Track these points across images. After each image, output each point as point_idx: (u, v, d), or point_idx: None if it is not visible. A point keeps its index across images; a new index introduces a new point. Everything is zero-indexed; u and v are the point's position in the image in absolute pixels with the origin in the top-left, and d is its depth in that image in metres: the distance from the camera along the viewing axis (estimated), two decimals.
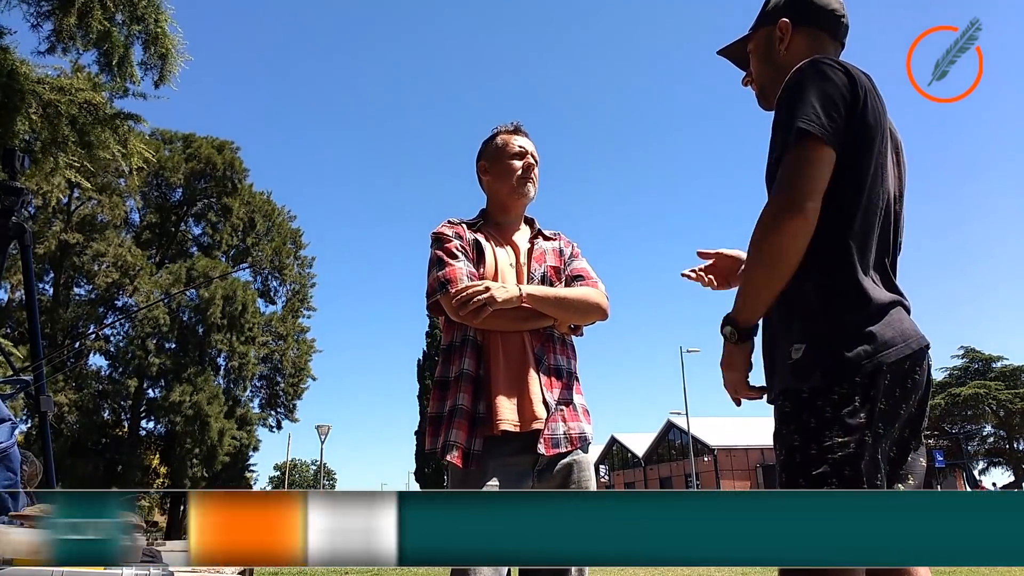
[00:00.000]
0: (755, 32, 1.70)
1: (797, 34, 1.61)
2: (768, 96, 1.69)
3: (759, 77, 1.70)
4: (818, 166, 1.36)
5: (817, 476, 1.28)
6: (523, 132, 2.19)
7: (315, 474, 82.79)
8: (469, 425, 1.88)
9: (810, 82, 1.40)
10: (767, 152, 1.49)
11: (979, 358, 42.01)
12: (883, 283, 1.43)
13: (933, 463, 6.13)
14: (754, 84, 1.73)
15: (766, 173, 1.51)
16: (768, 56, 1.67)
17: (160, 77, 5.79)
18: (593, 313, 2.05)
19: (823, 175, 1.36)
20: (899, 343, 1.35)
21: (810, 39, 1.61)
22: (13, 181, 3.58)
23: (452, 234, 2.06)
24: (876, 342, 1.33)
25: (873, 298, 1.37)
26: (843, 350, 1.32)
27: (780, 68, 1.62)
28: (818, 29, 1.61)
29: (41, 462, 3.51)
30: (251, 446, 30.31)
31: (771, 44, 1.65)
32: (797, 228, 1.34)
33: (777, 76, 1.63)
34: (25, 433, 17.66)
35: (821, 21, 1.61)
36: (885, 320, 1.36)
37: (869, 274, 1.40)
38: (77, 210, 26.39)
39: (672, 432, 45.45)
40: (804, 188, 1.34)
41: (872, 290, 1.38)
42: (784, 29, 1.62)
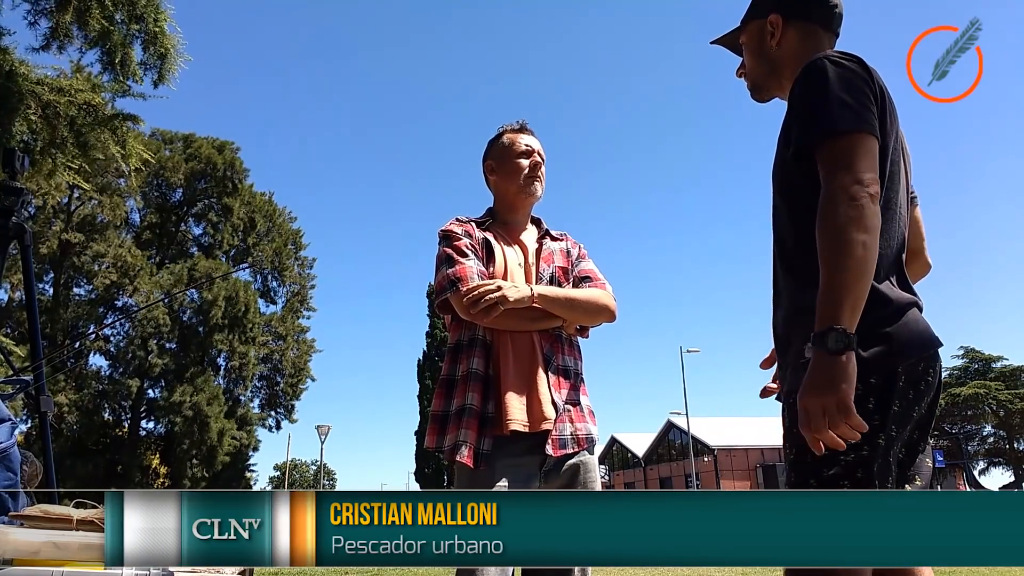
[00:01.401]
0: (746, 25, 1.67)
1: (789, 28, 1.58)
2: (761, 90, 1.67)
3: (751, 71, 1.67)
4: (873, 154, 1.32)
5: (829, 477, 1.26)
6: (529, 130, 2.18)
7: (315, 474, 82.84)
8: (479, 425, 1.87)
9: (832, 75, 1.37)
10: (774, 148, 1.47)
11: (979, 358, 42.02)
12: (899, 283, 1.41)
13: (934, 463, 6.15)
14: (746, 77, 1.70)
15: (774, 168, 1.49)
16: (760, 50, 1.63)
17: (159, 77, 5.79)
18: (602, 315, 2.05)
19: (877, 164, 1.32)
20: (915, 345, 1.33)
21: (802, 33, 1.57)
22: (13, 181, 3.58)
23: (461, 232, 2.05)
24: (893, 344, 1.31)
25: (892, 299, 1.35)
26: (859, 351, 1.28)
27: (773, 62, 1.60)
28: (811, 22, 1.58)
29: (41, 462, 3.51)
30: (251, 446, 30.37)
31: (762, 38, 1.62)
32: (877, 211, 1.27)
33: (770, 71, 1.62)
34: (25, 433, 17.65)
35: (813, 13, 1.58)
36: (902, 321, 1.34)
37: (887, 273, 1.38)
38: (77, 210, 26.41)
39: (672, 432, 45.43)
40: (871, 171, 1.30)
41: (890, 291, 1.36)
42: (775, 24, 1.59)
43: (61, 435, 25.34)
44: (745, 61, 1.69)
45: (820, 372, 1.21)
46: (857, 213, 1.25)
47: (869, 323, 1.32)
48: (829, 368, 1.20)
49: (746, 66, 1.69)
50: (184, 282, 26.90)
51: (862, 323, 1.30)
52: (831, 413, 1.19)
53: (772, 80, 1.63)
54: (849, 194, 1.27)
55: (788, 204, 1.46)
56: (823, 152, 1.33)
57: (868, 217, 1.26)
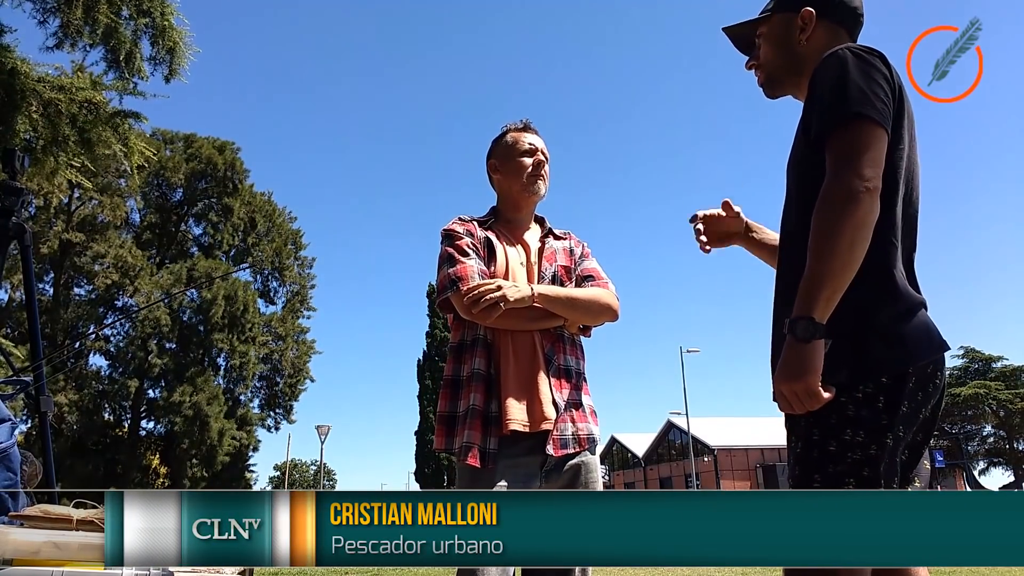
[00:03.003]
0: (771, 16, 1.63)
1: (819, 25, 1.57)
2: (776, 84, 1.64)
3: (769, 64, 1.64)
4: (880, 146, 1.31)
5: (835, 474, 1.25)
6: (533, 129, 2.17)
7: (315, 474, 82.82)
8: (482, 425, 1.87)
9: (855, 65, 1.36)
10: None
11: (979, 358, 42.00)
12: (910, 282, 1.40)
13: (933, 464, 6.15)
14: (760, 69, 1.66)
15: (790, 162, 1.47)
16: (785, 43, 1.60)
17: (170, 71, 5.79)
18: (604, 314, 2.04)
19: (883, 157, 1.31)
20: (926, 347, 1.33)
21: (830, 33, 1.56)
22: (13, 181, 3.58)
23: (463, 231, 2.05)
24: (906, 344, 1.30)
25: (905, 297, 1.34)
26: (872, 350, 1.29)
27: (797, 57, 1.57)
28: (839, 24, 1.57)
29: (41, 462, 3.51)
30: (251, 446, 30.37)
31: (790, 32, 1.59)
32: (873, 207, 1.27)
33: (791, 65, 1.59)
34: (25, 433, 17.64)
35: (844, 16, 1.58)
36: (914, 322, 1.33)
37: (900, 272, 1.37)
38: (78, 210, 26.40)
39: (672, 432, 45.41)
40: (873, 165, 1.29)
41: (904, 289, 1.35)
42: (808, 19, 1.57)
43: (61, 435, 25.33)
44: (763, 53, 1.65)
45: (790, 358, 1.27)
46: (852, 208, 1.26)
47: (882, 322, 1.31)
48: (797, 355, 1.26)
49: (763, 58, 1.65)
50: (184, 282, 26.90)
51: (875, 322, 1.30)
52: (800, 397, 1.26)
53: (791, 76, 1.61)
54: (847, 187, 1.27)
55: (803, 198, 1.42)
56: (832, 141, 1.33)
57: (862, 213, 1.26)
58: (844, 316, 1.31)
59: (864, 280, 1.31)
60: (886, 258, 1.35)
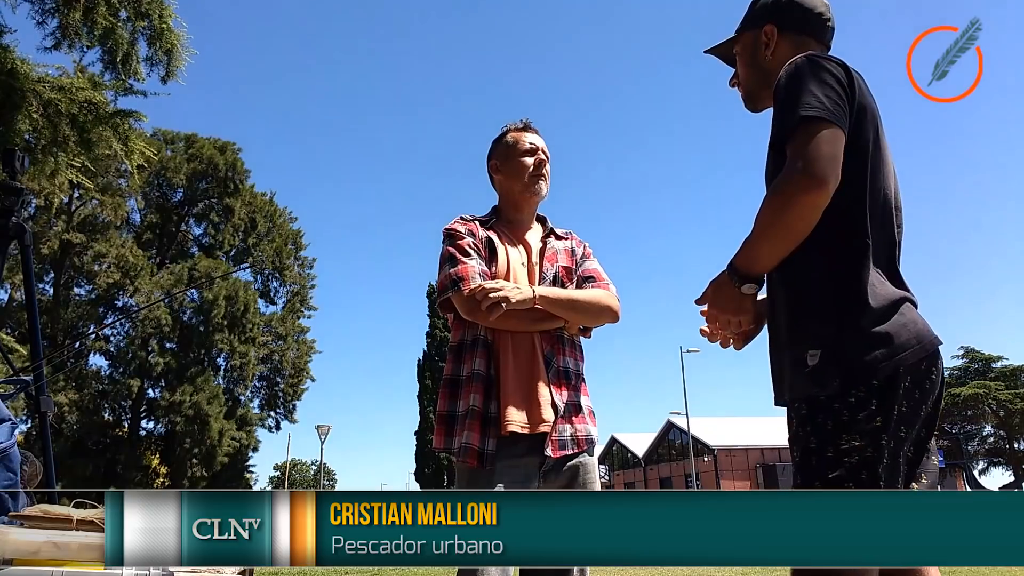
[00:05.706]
0: (740, 35, 1.70)
1: (783, 39, 1.61)
2: (754, 99, 1.69)
3: (746, 81, 1.70)
4: (834, 143, 1.33)
5: (833, 479, 1.27)
6: (533, 129, 2.17)
7: (315, 474, 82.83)
8: (481, 426, 1.87)
9: (808, 72, 1.40)
10: (766, 150, 1.49)
11: (979, 358, 42.01)
12: (889, 278, 1.41)
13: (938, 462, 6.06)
14: (740, 86, 1.72)
15: (766, 171, 1.50)
16: (754, 60, 1.66)
17: (167, 73, 5.80)
18: (604, 316, 2.04)
19: (839, 153, 1.33)
20: (914, 345, 1.33)
21: (795, 44, 1.60)
22: (13, 181, 3.58)
23: (465, 231, 2.05)
24: (893, 344, 1.31)
25: (882, 295, 1.35)
26: (860, 354, 1.30)
27: (766, 73, 1.61)
28: (803, 34, 1.61)
29: (41, 462, 3.51)
30: (251, 446, 30.37)
31: (757, 48, 1.65)
32: (818, 201, 1.30)
33: (764, 80, 1.63)
34: (25, 433, 17.64)
35: (806, 25, 1.61)
36: (898, 320, 1.34)
37: (875, 268, 1.38)
38: (78, 210, 26.42)
39: (672, 432, 45.40)
40: (825, 160, 1.31)
41: (880, 286, 1.36)
42: (769, 34, 1.63)
43: (61, 435, 25.34)
44: (739, 71, 1.71)
45: (724, 293, 1.46)
46: (801, 197, 1.30)
47: (865, 324, 1.32)
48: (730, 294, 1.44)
49: (740, 76, 1.71)
50: (184, 282, 26.91)
51: (857, 325, 1.32)
52: (727, 323, 1.50)
53: (765, 90, 1.64)
54: (798, 177, 1.31)
55: None
56: (789, 144, 1.37)
57: (807, 205, 1.30)
58: (827, 322, 1.34)
59: (841, 280, 1.35)
60: (858, 260, 1.36)
